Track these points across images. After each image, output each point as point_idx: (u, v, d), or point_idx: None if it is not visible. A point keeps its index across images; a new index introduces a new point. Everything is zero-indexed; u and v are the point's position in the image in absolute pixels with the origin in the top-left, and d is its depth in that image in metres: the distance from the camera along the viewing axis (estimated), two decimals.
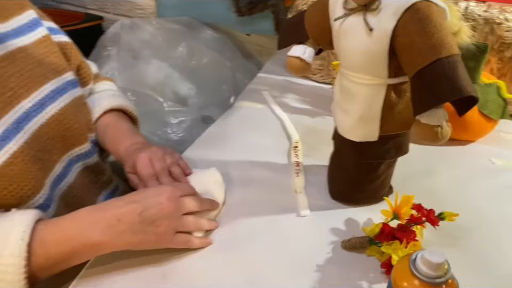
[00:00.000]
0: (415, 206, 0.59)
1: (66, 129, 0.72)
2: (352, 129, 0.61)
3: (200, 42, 1.36)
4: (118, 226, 0.55)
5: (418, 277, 0.35)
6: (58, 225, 0.55)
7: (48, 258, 0.53)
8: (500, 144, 0.85)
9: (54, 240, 0.53)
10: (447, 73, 0.48)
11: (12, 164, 0.59)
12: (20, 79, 0.66)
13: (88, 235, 0.54)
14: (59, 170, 0.71)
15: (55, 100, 0.71)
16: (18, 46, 0.69)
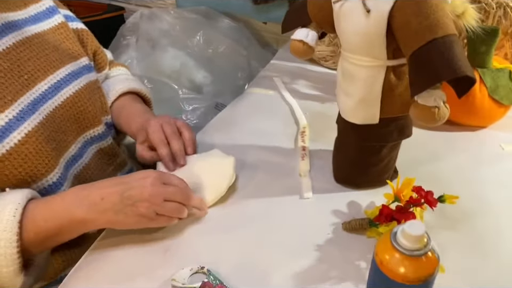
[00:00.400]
0: (415, 188, 0.59)
1: (80, 111, 0.75)
2: (354, 111, 0.62)
3: (217, 31, 1.38)
4: (101, 205, 0.57)
5: (398, 249, 0.35)
6: (47, 203, 0.59)
7: (37, 233, 0.56)
8: (511, 130, 0.83)
9: (43, 217, 0.57)
10: (443, 53, 0.48)
11: (26, 143, 0.63)
12: (37, 63, 0.69)
13: (73, 212, 0.57)
14: (74, 151, 0.74)
15: (70, 83, 0.74)
16: (35, 32, 0.72)
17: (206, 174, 0.68)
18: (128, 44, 1.33)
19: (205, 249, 0.60)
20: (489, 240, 0.62)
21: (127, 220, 0.58)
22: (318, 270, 0.57)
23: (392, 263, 0.36)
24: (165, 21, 1.40)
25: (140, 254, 0.60)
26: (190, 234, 0.62)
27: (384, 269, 0.36)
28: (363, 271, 0.57)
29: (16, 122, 0.62)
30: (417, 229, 0.35)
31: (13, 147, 0.61)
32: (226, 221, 0.65)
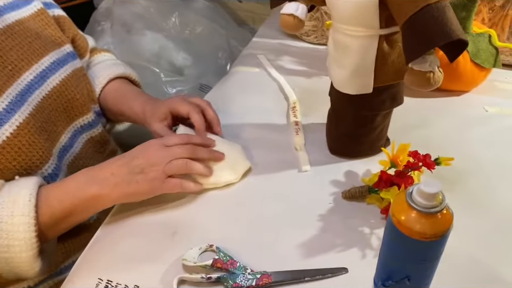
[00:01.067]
0: (411, 152, 0.61)
1: (68, 100, 0.74)
2: (347, 82, 0.63)
3: (192, 12, 1.36)
4: (112, 179, 0.59)
5: (414, 208, 0.37)
6: (60, 185, 0.60)
7: (52, 215, 0.57)
8: (492, 93, 0.86)
9: (56, 198, 0.58)
10: (437, 18, 0.49)
11: (19, 135, 0.62)
12: (20, 52, 0.67)
13: (86, 189, 0.58)
14: (64, 141, 0.73)
15: (56, 72, 0.72)
16: (16, 19, 0.70)
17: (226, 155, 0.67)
18: (103, 30, 1.30)
19: (211, 228, 0.61)
20: (484, 197, 0.65)
21: (140, 188, 0.59)
22: (323, 239, 0.59)
23: (410, 222, 0.37)
24: (139, 4, 1.37)
25: (148, 238, 0.60)
26: (196, 215, 0.63)
27: (401, 228, 0.38)
28: (367, 236, 0.59)
29: (7, 115, 0.61)
30: (433, 187, 0.36)
31: (5, 140, 0.60)
32: (229, 198, 0.65)
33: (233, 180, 0.67)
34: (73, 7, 1.55)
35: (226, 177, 0.66)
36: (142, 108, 0.76)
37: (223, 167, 0.66)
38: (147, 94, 0.83)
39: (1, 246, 0.53)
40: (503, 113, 0.81)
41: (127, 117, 0.81)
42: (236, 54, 1.31)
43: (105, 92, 0.83)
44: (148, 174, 0.59)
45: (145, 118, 0.75)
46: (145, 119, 0.75)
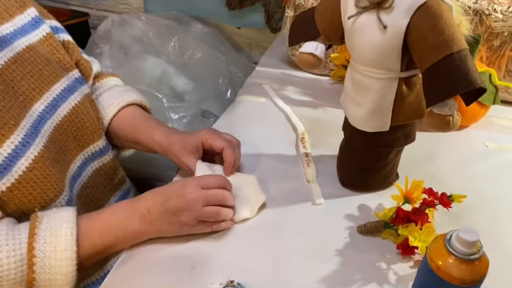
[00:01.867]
0: (427, 190, 0.63)
1: (78, 128, 0.73)
2: (364, 120, 0.65)
3: (191, 37, 1.37)
4: (149, 216, 0.61)
5: (454, 254, 0.39)
6: (100, 219, 0.61)
7: (93, 248, 0.58)
8: (492, 128, 0.90)
9: (98, 232, 0.59)
10: (459, 66, 0.52)
11: (34, 169, 0.61)
12: (31, 81, 0.66)
13: (128, 225, 0.60)
14: (74, 170, 0.72)
15: (67, 99, 0.72)
16: (26, 45, 0.69)
17: (242, 190, 0.69)
18: (101, 52, 1.29)
19: (229, 263, 0.61)
20: (490, 231, 0.67)
21: (171, 229, 0.62)
22: (342, 274, 0.60)
23: (449, 267, 0.39)
24: (137, 27, 1.37)
25: (165, 272, 0.60)
26: (213, 248, 0.63)
27: (440, 273, 0.39)
28: (384, 272, 0.61)
29: (23, 148, 0.60)
30: (471, 235, 0.38)
31: (21, 175, 0.59)
32: (246, 232, 0.66)
33: (249, 216, 0.68)
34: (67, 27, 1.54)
35: (243, 214, 0.67)
36: (167, 139, 0.76)
37: (240, 203, 0.67)
38: (163, 122, 0.83)
39: (44, 280, 0.54)
40: (502, 149, 0.85)
41: (144, 145, 0.80)
42: (235, 80, 1.33)
43: (118, 119, 0.82)
44: (179, 217, 0.61)
45: (171, 149, 0.74)
46: (171, 150, 0.75)
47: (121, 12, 1.68)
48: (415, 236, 0.59)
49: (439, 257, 0.40)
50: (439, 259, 0.40)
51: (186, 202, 0.60)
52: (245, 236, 0.65)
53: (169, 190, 0.63)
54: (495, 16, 0.87)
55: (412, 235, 0.59)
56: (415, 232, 0.59)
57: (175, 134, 0.77)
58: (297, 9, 0.97)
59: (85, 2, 1.72)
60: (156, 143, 0.77)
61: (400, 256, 0.63)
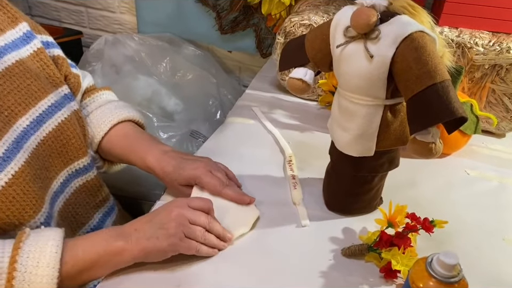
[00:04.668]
0: (410, 215, 0.64)
1: (63, 144, 0.73)
2: (351, 145, 0.67)
3: (182, 58, 1.39)
4: (134, 234, 0.61)
5: (434, 277, 0.40)
6: (86, 237, 0.61)
7: (75, 264, 0.57)
8: (473, 157, 0.93)
9: (82, 248, 0.58)
10: (441, 96, 0.54)
11: (13, 185, 0.61)
12: (18, 96, 0.66)
13: (111, 242, 0.59)
14: (56, 187, 0.72)
15: (53, 115, 0.72)
16: (15, 60, 0.69)
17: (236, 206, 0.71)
18: (93, 70, 1.31)
19: (215, 283, 0.61)
20: (470, 257, 0.69)
21: (159, 244, 0.60)
22: None
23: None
24: (129, 46, 1.39)
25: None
26: (198, 268, 0.63)
27: None
28: None
29: (3, 163, 0.60)
30: (452, 258, 0.39)
31: (0, 190, 0.59)
32: (231, 253, 0.66)
33: (245, 231, 0.69)
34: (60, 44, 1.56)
35: (239, 230, 0.68)
36: (159, 165, 0.75)
37: (237, 220, 0.69)
38: (159, 141, 0.83)
39: None
40: (483, 177, 0.87)
41: (138, 166, 0.79)
42: (225, 102, 1.35)
43: (109, 138, 0.82)
44: (167, 230, 0.60)
45: (164, 178, 0.75)
46: (164, 179, 0.75)
47: (114, 32, 1.70)
48: (398, 259, 0.60)
49: (420, 280, 0.41)
50: (420, 281, 0.41)
51: (174, 215, 0.61)
52: (230, 256, 0.66)
53: (158, 209, 0.64)
54: (476, 49, 0.91)
55: (395, 259, 0.61)
56: (398, 256, 0.61)
57: (169, 160, 0.75)
58: (288, 36, 1.00)
59: (79, 21, 1.74)
60: (148, 167, 0.76)
61: (383, 279, 0.64)
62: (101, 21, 1.71)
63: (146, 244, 0.59)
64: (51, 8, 1.75)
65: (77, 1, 1.68)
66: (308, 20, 0.97)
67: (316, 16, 0.98)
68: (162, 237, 0.60)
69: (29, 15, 1.80)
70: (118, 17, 1.67)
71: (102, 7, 1.67)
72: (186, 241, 0.61)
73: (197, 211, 0.64)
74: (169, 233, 0.60)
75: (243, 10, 1.33)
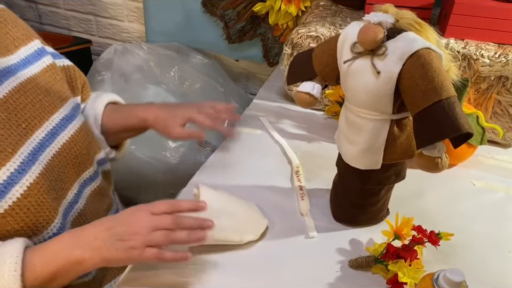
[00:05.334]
0: (416, 227, 0.65)
1: (76, 156, 0.75)
2: (358, 158, 0.68)
3: (190, 67, 1.41)
4: (94, 243, 0.58)
5: None
6: (44, 248, 0.59)
7: (35, 280, 0.56)
8: (479, 168, 0.93)
9: (40, 262, 0.57)
10: (447, 112, 0.55)
11: (28, 196, 0.62)
12: (32, 110, 0.69)
13: (69, 252, 0.58)
14: (71, 197, 0.74)
15: (65, 128, 0.74)
16: (28, 76, 0.71)
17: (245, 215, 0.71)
18: (103, 80, 1.33)
19: None
20: (477, 269, 0.70)
21: (118, 255, 0.58)
22: None
23: None
24: (138, 56, 1.41)
25: None
26: (206, 280, 0.65)
27: None
28: None
29: (18, 175, 0.62)
30: (458, 276, 0.40)
31: (15, 201, 0.60)
32: (238, 263, 0.68)
33: (253, 238, 0.70)
34: (70, 53, 1.58)
35: (248, 237, 0.69)
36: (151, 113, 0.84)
37: (245, 227, 0.70)
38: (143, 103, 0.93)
39: None
40: (489, 188, 0.88)
41: (131, 127, 0.87)
42: None
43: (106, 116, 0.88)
44: (127, 242, 0.58)
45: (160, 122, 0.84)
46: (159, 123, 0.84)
47: (123, 40, 1.73)
48: (404, 272, 0.61)
49: None
50: None
51: (134, 227, 0.58)
52: (238, 267, 0.67)
53: (118, 216, 0.62)
54: (482, 61, 0.91)
55: (401, 271, 0.61)
56: (405, 268, 0.62)
57: (158, 107, 0.86)
58: (295, 47, 1.01)
59: (88, 29, 1.77)
60: (141, 120, 0.84)
61: None
62: (110, 30, 1.73)
63: (106, 254, 0.58)
64: (60, 17, 1.78)
65: (86, 10, 1.71)
66: (315, 32, 0.99)
67: (322, 28, 0.99)
68: (121, 249, 0.57)
69: (38, 23, 1.83)
70: (126, 25, 1.69)
71: (110, 16, 1.70)
72: (146, 253, 0.58)
73: (158, 215, 0.60)
74: (128, 245, 0.57)
75: (250, 20, 1.35)
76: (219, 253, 0.68)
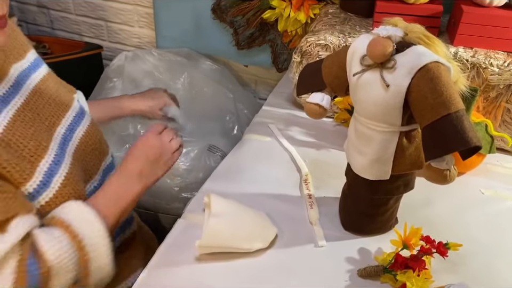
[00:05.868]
0: (424, 238, 0.66)
1: (94, 148, 0.79)
2: (367, 169, 0.68)
3: (200, 73, 1.42)
4: (142, 177, 0.74)
5: None
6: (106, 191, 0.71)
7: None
8: (487, 176, 0.94)
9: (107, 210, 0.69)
10: (456, 126, 0.56)
11: (67, 185, 0.67)
12: (49, 109, 0.73)
13: (131, 191, 0.72)
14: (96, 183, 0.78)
15: (80, 123, 0.78)
16: (39, 79, 0.75)
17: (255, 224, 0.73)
18: (114, 86, 1.35)
19: None
20: (485, 278, 0.70)
21: (158, 176, 0.77)
22: None
23: None
24: (148, 62, 1.43)
25: None
26: (215, 283, 0.66)
27: None
28: None
29: (55, 167, 0.66)
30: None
31: (57, 190, 0.65)
32: (248, 271, 0.69)
33: (262, 246, 0.71)
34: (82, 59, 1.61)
35: (257, 245, 0.71)
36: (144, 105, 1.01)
37: (255, 235, 0.71)
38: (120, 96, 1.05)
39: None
40: (498, 196, 0.88)
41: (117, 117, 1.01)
42: (241, 117, 1.38)
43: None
44: (161, 163, 0.76)
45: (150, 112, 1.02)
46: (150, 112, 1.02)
47: (133, 45, 1.75)
48: (413, 282, 0.62)
49: None
50: None
51: (160, 148, 0.76)
52: (249, 276, 0.68)
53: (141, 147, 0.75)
54: (491, 69, 0.92)
55: (410, 281, 0.62)
56: (413, 279, 0.62)
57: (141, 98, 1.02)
58: (304, 55, 1.02)
59: (98, 35, 1.79)
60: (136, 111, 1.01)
61: None
62: (120, 35, 1.75)
63: (149, 182, 0.75)
64: (72, 22, 1.80)
65: (97, 15, 1.73)
66: (324, 40, 1.00)
67: (331, 37, 1.00)
68: (163, 164, 0.77)
69: (50, 28, 1.85)
70: (136, 31, 1.71)
71: (121, 21, 1.71)
72: (174, 158, 0.80)
73: (162, 133, 0.78)
74: (164, 160, 0.77)
75: (259, 26, 1.36)
76: (229, 260, 0.70)
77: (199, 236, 0.69)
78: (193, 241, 0.69)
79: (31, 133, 0.65)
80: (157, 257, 0.71)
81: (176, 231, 0.76)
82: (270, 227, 0.74)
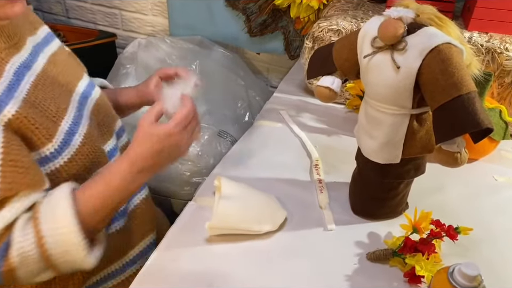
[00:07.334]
0: (434, 221, 0.66)
1: (106, 114, 0.81)
2: (377, 152, 0.68)
3: (212, 60, 1.43)
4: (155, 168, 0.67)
5: (456, 287, 0.42)
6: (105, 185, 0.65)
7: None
8: (501, 162, 0.93)
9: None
10: (467, 107, 0.55)
11: (86, 144, 0.69)
12: (65, 76, 0.75)
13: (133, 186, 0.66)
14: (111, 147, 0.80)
15: (92, 92, 0.80)
16: (52, 51, 0.77)
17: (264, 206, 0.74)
18: (127, 73, 1.36)
19: (243, 283, 0.64)
20: (498, 264, 0.70)
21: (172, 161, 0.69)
22: None
23: None
24: (161, 49, 1.43)
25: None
26: (229, 268, 0.67)
27: None
28: None
29: (75, 127, 0.69)
30: (473, 269, 0.41)
31: (77, 148, 0.68)
32: (258, 254, 0.69)
33: (272, 229, 0.72)
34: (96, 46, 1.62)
35: (266, 227, 0.71)
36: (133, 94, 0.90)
37: (264, 217, 0.72)
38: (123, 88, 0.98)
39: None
40: (511, 183, 0.87)
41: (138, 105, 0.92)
42: (253, 103, 1.38)
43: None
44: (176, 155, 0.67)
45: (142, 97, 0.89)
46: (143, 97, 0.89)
47: (147, 33, 1.76)
48: (422, 265, 0.62)
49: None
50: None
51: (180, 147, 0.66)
52: (258, 258, 0.69)
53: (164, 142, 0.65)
54: (506, 54, 0.90)
55: (419, 264, 0.62)
56: (422, 262, 0.62)
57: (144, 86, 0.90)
58: (316, 41, 1.01)
59: (112, 23, 1.80)
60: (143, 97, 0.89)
61: (407, 283, 0.65)
62: (134, 23, 1.76)
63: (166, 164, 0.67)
64: (87, 11, 1.82)
65: (111, 4, 1.74)
66: (336, 25, 0.99)
67: (344, 22, 0.99)
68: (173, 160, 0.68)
69: (66, 17, 1.87)
70: (150, 19, 1.72)
71: (135, 10, 1.72)
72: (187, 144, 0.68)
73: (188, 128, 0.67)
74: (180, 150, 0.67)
75: (272, 13, 1.35)
76: (238, 242, 0.71)
77: (209, 218, 0.70)
78: (204, 223, 0.69)
79: (51, 96, 0.68)
80: (168, 239, 0.72)
81: (186, 213, 0.77)
82: (280, 210, 0.75)
